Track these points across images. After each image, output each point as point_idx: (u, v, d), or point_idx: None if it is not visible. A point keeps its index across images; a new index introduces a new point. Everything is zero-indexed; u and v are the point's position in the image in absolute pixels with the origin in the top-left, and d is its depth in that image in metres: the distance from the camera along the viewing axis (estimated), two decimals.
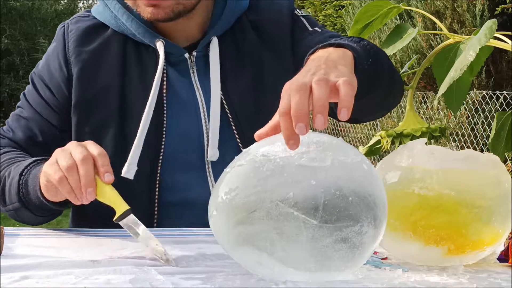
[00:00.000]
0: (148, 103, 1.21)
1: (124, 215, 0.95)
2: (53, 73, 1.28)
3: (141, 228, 0.95)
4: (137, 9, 1.25)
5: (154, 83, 1.23)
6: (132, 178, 1.18)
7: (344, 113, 0.80)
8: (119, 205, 0.96)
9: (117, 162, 1.15)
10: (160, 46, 1.25)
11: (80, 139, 1.13)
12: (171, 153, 1.24)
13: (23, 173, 1.10)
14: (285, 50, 1.33)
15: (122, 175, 1.17)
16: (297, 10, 1.39)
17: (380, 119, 5.28)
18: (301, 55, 1.17)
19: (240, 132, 1.26)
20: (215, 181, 1.19)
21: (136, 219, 0.96)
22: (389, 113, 5.01)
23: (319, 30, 1.35)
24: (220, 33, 1.30)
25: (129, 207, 0.96)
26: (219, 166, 1.09)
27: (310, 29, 1.35)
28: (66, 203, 1.06)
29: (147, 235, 0.94)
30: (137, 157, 1.19)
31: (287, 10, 1.37)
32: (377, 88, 1.13)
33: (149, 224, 1.17)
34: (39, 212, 1.13)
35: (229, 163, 0.88)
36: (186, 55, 1.29)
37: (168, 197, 1.24)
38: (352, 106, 0.81)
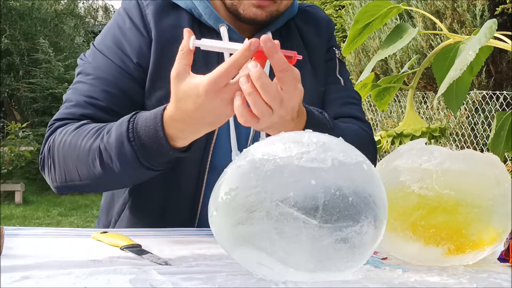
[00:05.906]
0: None
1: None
2: (131, 40, 1.26)
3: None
4: (238, 6, 1.26)
5: None
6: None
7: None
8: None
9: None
10: (224, 31, 1.26)
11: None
12: (223, 138, 1.26)
13: (130, 120, 1.08)
14: (321, 71, 1.38)
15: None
16: (335, 47, 1.43)
17: (380, 119, 5.28)
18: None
19: None
20: None
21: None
22: (389, 113, 5.01)
23: (343, 85, 1.40)
24: (272, 31, 1.33)
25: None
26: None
27: (338, 76, 1.40)
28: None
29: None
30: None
31: (326, 36, 1.42)
32: None
33: (191, 212, 1.25)
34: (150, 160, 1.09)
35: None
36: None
37: (215, 179, 1.23)
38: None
